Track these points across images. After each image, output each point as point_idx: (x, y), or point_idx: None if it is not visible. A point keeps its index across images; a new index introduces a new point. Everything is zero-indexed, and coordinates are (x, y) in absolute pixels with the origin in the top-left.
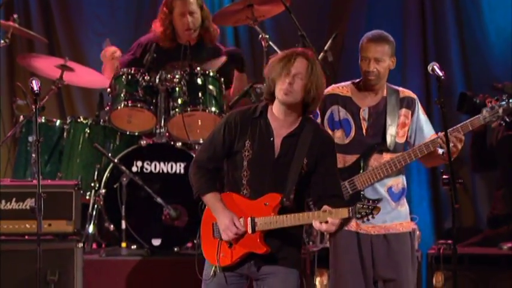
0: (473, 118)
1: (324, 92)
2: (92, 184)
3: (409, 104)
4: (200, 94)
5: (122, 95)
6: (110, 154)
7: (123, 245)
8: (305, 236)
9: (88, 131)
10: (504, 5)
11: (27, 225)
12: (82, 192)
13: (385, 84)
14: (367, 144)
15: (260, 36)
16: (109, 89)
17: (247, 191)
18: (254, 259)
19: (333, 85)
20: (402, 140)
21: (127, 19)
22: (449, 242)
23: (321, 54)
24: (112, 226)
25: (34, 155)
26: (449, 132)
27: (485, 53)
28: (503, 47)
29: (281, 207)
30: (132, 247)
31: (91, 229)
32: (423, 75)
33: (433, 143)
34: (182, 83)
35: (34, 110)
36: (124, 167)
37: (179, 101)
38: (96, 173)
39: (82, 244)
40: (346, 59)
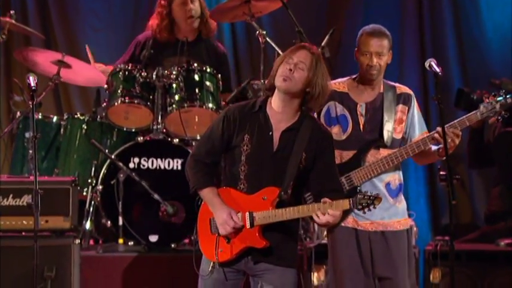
0: (470, 114)
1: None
2: (89, 180)
3: (406, 100)
4: (197, 90)
5: (119, 91)
6: (107, 150)
7: (120, 242)
8: (302, 232)
9: (85, 127)
10: (502, 2)
11: (24, 221)
12: (79, 188)
13: (382, 80)
14: (364, 140)
15: (257, 32)
16: (106, 85)
17: (244, 186)
18: (251, 254)
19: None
20: (399, 136)
21: (124, 14)
22: (446, 239)
23: (319, 50)
24: (109, 222)
25: (31, 151)
26: (446, 127)
27: (482, 49)
28: (500, 43)
29: (279, 201)
30: (129, 243)
31: (88, 225)
32: (420, 71)
33: (430, 139)
34: (179, 79)
35: (31, 106)
36: (121, 163)
37: (176, 97)
38: (93, 169)
39: (79, 240)
40: (343, 55)
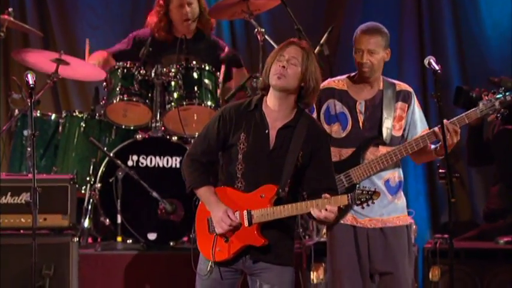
0: (469, 111)
1: (320, 86)
2: (88, 178)
3: (405, 98)
4: (196, 88)
5: (118, 89)
6: (106, 148)
7: (118, 240)
8: (301, 230)
9: (83, 125)
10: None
11: (22, 219)
12: (77, 186)
13: (381, 77)
14: (363, 137)
15: (256, 30)
16: (104, 83)
17: (241, 184)
18: (249, 253)
19: (329, 79)
20: (399, 133)
21: (122, 11)
22: (445, 236)
23: (317, 47)
24: (107, 220)
25: (29, 149)
26: (445, 124)
27: (481, 47)
28: (499, 41)
29: (277, 198)
30: (128, 241)
31: (86, 223)
32: (419, 69)
33: (429, 137)
34: (178, 77)
35: (29, 104)
36: (119, 161)
37: (175, 95)
38: (91, 167)
39: (77, 238)
40: (342, 53)
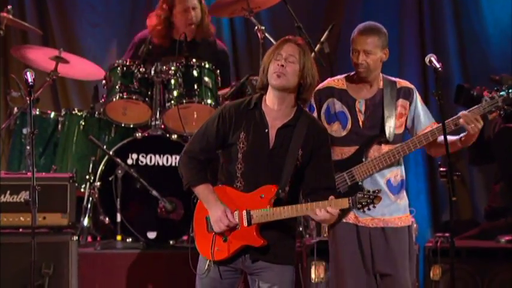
0: (472, 108)
1: (320, 86)
2: (87, 177)
3: (406, 95)
4: (196, 86)
5: (117, 87)
6: (105, 146)
7: (118, 238)
8: (302, 229)
9: (83, 123)
10: None
11: (21, 218)
12: (77, 185)
13: (381, 75)
14: (364, 136)
15: (256, 27)
16: (104, 81)
17: (241, 184)
18: (249, 252)
19: (328, 79)
20: (400, 131)
21: (122, 9)
22: (446, 235)
23: (318, 45)
24: (107, 219)
25: (28, 148)
26: (466, 112)
27: (483, 45)
28: (500, 39)
29: (277, 199)
30: (128, 240)
31: (86, 222)
32: (420, 67)
33: (432, 133)
34: (178, 75)
35: (28, 102)
36: (119, 160)
37: (175, 93)
38: (91, 166)
39: (77, 237)
40: (343, 51)
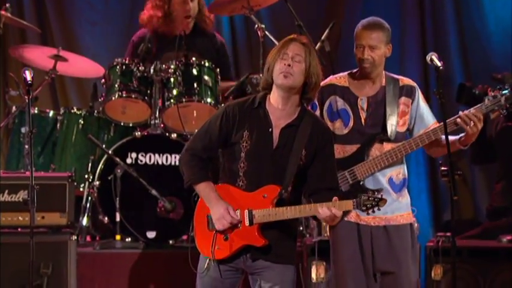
0: (475, 107)
1: (322, 83)
2: (86, 176)
3: (409, 92)
4: (195, 85)
5: (116, 86)
6: (104, 145)
7: (117, 238)
8: (302, 229)
9: (82, 122)
10: None
11: (20, 217)
12: (76, 184)
13: (384, 73)
14: (366, 134)
15: (256, 26)
16: (103, 80)
17: (243, 183)
18: (250, 252)
19: (331, 76)
20: (403, 129)
21: (121, 7)
22: (448, 235)
23: (318, 44)
24: (106, 218)
25: (27, 147)
26: (467, 112)
27: (484, 43)
28: (502, 37)
29: (279, 199)
30: (127, 240)
31: (85, 222)
32: (421, 65)
33: (434, 132)
34: (177, 74)
35: (27, 101)
36: (118, 159)
37: (174, 92)
38: (90, 165)
39: (76, 237)
40: (343, 49)
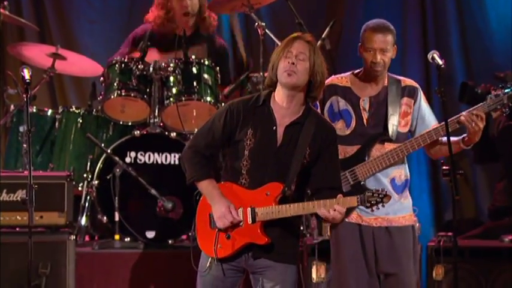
0: (477, 106)
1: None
2: (85, 175)
3: (411, 93)
4: (195, 83)
5: (115, 84)
6: (103, 144)
7: (116, 238)
8: (303, 229)
9: (80, 121)
10: None
11: (18, 217)
12: (74, 183)
13: (386, 73)
14: (368, 134)
15: (256, 24)
16: (102, 78)
17: (246, 181)
18: (252, 250)
19: (332, 76)
20: (405, 130)
21: (120, 5)
22: (449, 235)
23: (319, 42)
24: (105, 218)
25: (25, 146)
26: (468, 111)
27: (486, 41)
28: (504, 35)
29: (282, 196)
30: (126, 240)
31: (83, 221)
32: (423, 64)
33: (436, 132)
34: (177, 72)
35: (25, 100)
36: (117, 158)
37: (173, 90)
38: (88, 164)
39: (74, 236)
40: (344, 47)
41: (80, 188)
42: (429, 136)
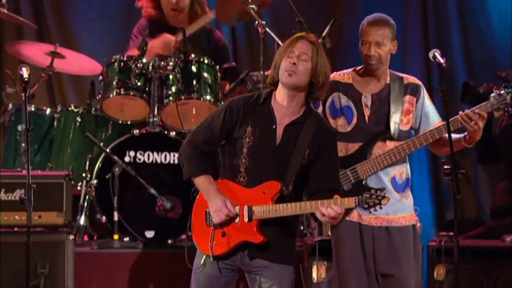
0: (480, 105)
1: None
2: (84, 174)
3: (414, 91)
4: (195, 82)
5: (114, 83)
6: (102, 144)
7: (115, 237)
8: (303, 228)
9: (79, 120)
10: None
11: (16, 216)
12: (73, 183)
13: (388, 71)
14: (370, 131)
15: (256, 22)
16: (101, 77)
17: (244, 179)
18: (248, 249)
19: (334, 73)
20: (406, 128)
21: (119, 3)
22: (450, 234)
23: (319, 40)
24: (104, 218)
25: (23, 145)
26: (467, 111)
27: (488, 40)
28: (506, 33)
29: (280, 196)
30: (125, 239)
31: (82, 221)
32: (424, 62)
33: (438, 131)
34: (176, 71)
35: (23, 98)
36: (116, 157)
37: (173, 89)
38: (87, 163)
39: (73, 236)
40: (344, 45)
41: (79, 188)
42: (431, 135)
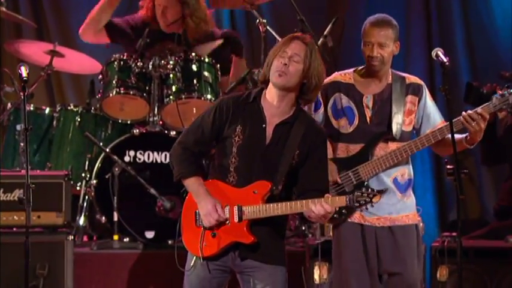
0: (483, 106)
1: (326, 80)
2: (83, 174)
3: (416, 91)
4: (195, 81)
5: (114, 82)
6: (102, 143)
7: (115, 238)
8: (304, 229)
9: (78, 120)
10: None
11: (15, 217)
12: (72, 183)
13: (390, 70)
14: (371, 132)
15: (257, 20)
16: (100, 76)
17: (233, 179)
18: (239, 249)
19: (335, 73)
20: (409, 128)
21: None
22: (454, 235)
23: (321, 39)
24: (104, 218)
25: (22, 144)
26: (469, 111)
27: (491, 38)
28: (510, 32)
29: (270, 195)
30: (125, 240)
31: (82, 221)
32: (427, 61)
33: (441, 132)
34: (176, 70)
35: (22, 98)
36: (116, 157)
37: (173, 88)
38: (87, 163)
39: (72, 237)
40: (346, 44)
41: (78, 188)
42: (433, 136)
